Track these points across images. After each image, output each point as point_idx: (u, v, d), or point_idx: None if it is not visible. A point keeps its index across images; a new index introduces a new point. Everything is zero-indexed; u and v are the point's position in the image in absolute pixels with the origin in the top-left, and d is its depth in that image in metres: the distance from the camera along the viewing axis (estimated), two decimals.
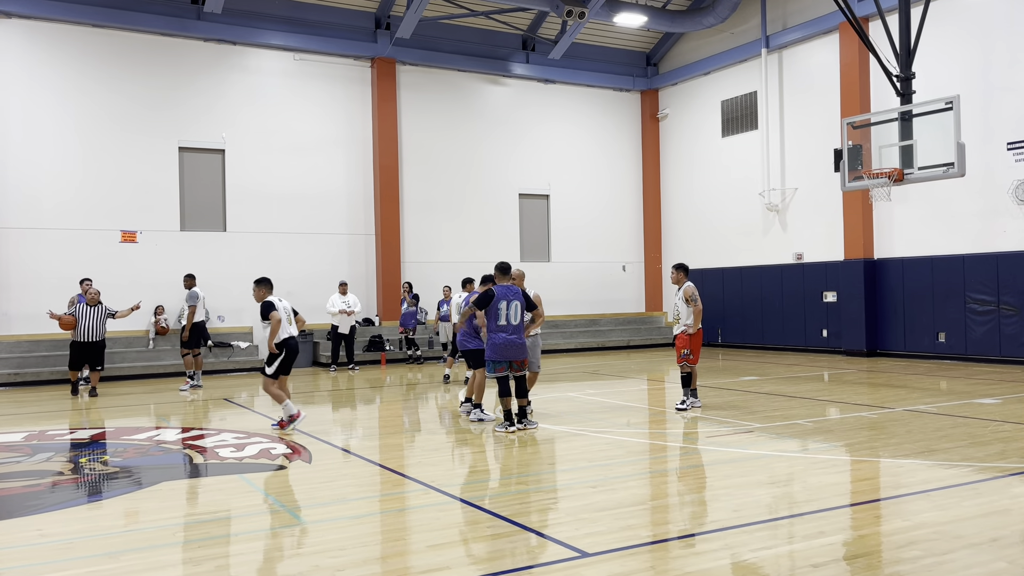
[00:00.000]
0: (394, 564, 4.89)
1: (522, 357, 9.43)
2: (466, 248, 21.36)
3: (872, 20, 17.36)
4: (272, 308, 9.62)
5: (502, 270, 9.71)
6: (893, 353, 17.83)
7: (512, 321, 9.34)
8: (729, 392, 12.49)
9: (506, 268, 9.74)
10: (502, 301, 9.35)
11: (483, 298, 9.44)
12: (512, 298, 9.40)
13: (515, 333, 9.35)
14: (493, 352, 9.34)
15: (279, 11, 19.20)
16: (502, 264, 9.80)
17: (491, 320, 9.36)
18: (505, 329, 9.33)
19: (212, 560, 5.02)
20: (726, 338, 21.83)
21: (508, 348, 9.31)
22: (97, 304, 13.75)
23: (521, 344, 9.39)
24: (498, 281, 9.62)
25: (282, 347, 9.68)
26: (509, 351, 9.32)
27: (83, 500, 6.80)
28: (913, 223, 17.42)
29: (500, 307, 9.33)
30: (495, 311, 9.34)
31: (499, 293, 9.40)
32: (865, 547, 5.01)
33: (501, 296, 9.38)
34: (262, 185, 19.10)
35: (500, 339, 9.31)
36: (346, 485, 7.16)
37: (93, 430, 10.29)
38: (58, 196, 17.15)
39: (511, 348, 9.32)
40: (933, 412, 10.11)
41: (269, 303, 9.68)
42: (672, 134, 23.81)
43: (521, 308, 9.43)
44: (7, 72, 16.83)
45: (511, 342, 9.32)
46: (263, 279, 10.05)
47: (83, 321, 13.54)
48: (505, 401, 9.36)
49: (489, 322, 9.39)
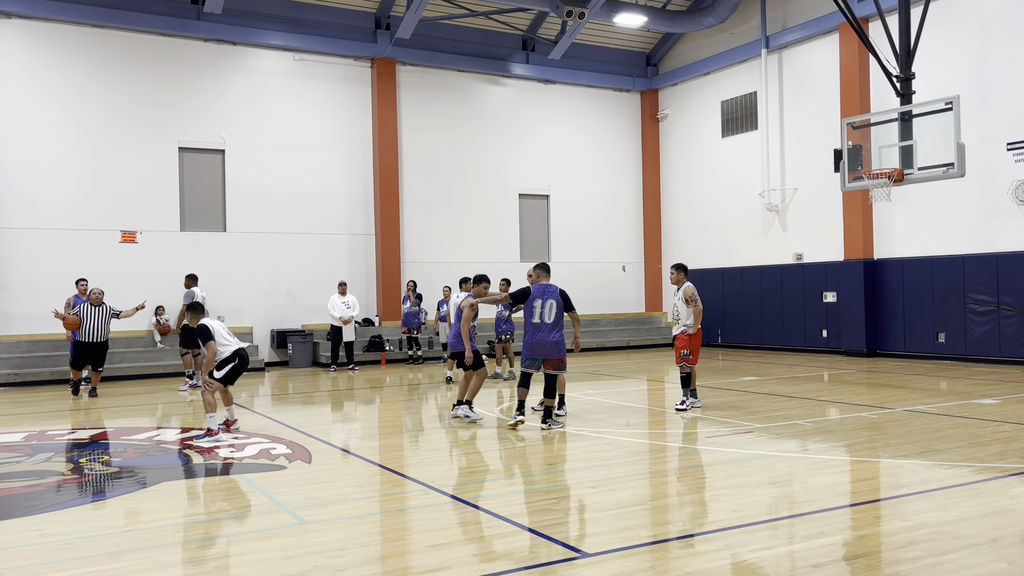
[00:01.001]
0: (394, 564, 4.89)
1: (555, 356, 9.52)
2: (466, 248, 21.37)
3: (872, 20, 17.36)
4: (210, 334, 9.30)
5: (543, 268, 9.89)
6: (893, 353, 17.83)
7: (546, 320, 9.46)
8: (729, 392, 12.49)
9: (547, 267, 9.94)
10: (537, 299, 9.50)
11: (520, 294, 9.63)
12: (548, 297, 9.52)
13: (549, 332, 9.46)
14: (528, 351, 9.54)
15: (279, 11, 19.20)
16: (543, 263, 9.99)
17: (526, 318, 9.55)
18: (539, 327, 9.47)
19: (212, 560, 5.02)
20: (726, 338, 21.83)
21: (540, 347, 9.47)
22: (101, 304, 13.74)
23: (554, 343, 9.49)
24: (538, 280, 9.78)
25: (234, 356, 9.50)
26: (543, 350, 9.48)
27: (83, 500, 6.80)
28: (913, 223, 17.42)
29: (535, 305, 9.48)
30: (530, 309, 9.50)
31: (535, 291, 9.57)
32: (865, 547, 5.01)
33: (537, 295, 9.53)
34: (262, 185, 19.10)
35: (531, 338, 9.51)
36: (346, 485, 7.16)
37: (93, 430, 10.29)
38: (58, 196, 17.15)
39: (545, 347, 9.47)
40: (933, 412, 10.11)
41: (205, 328, 9.38)
42: (672, 134, 23.81)
43: (557, 307, 9.53)
44: (7, 72, 16.83)
45: (545, 341, 9.46)
46: (195, 304, 9.97)
47: (88, 321, 13.53)
48: (521, 391, 9.55)
49: (524, 320, 9.58)
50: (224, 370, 9.43)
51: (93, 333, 13.59)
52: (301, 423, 10.21)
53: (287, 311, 19.30)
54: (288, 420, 10.48)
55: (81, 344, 13.66)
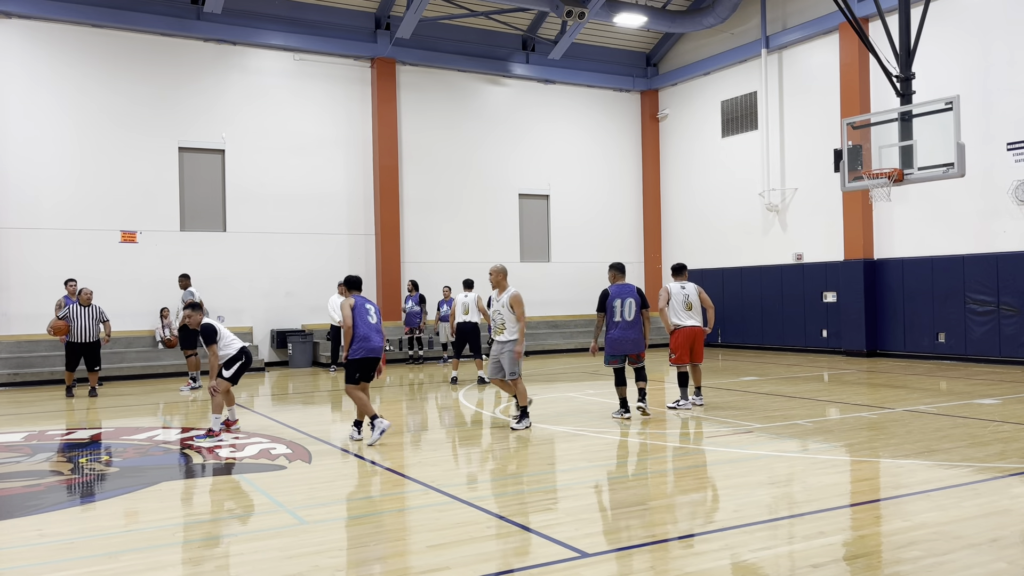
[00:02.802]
0: (394, 564, 4.89)
1: (637, 351, 9.96)
2: (466, 248, 21.37)
3: (872, 20, 17.36)
4: (214, 334, 9.31)
5: (619, 269, 10.19)
6: (893, 353, 17.83)
7: (627, 317, 9.88)
8: (729, 392, 12.50)
9: (622, 267, 10.25)
10: (616, 299, 9.91)
11: (600, 299, 9.98)
12: (626, 296, 9.94)
13: (629, 329, 9.88)
14: (610, 347, 9.90)
15: (279, 11, 19.20)
16: (618, 263, 10.30)
17: (608, 317, 9.89)
18: (620, 326, 9.87)
19: (212, 560, 5.02)
20: (726, 338, 21.83)
21: (623, 343, 9.88)
22: (90, 304, 13.72)
23: (635, 339, 9.91)
24: (615, 280, 10.08)
25: (241, 353, 9.52)
26: (624, 346, 9.89)
27: (83, 500, 6.80)
28: (913, 223, 17.42)
29: (615, 305, 9.89)
30: (611, 309, 9.90)
31: (614, 292, 9.97)
32: (865, 547, 5.01)
33: (616, 295, 9.93)
34: (262, 185, 19.11)
35: (615, 335, 9.88)
36: (346, 485, 7.16)
37: (93, 430, 10.29)
38: (58, 196, 17.15)
39: (626, 343, 9.89)
40: (933, 412, 10.11)
41: (211, 327, 9.41)
42: (672, 134, 23.81)
43: (636, 305, 9.95)
44: (7, 72, 16.83)
45: (626, 337, 9.88)
46: (196, 304, 10.06)
47: (77, 321, 13.51)
48: (620, 390, 10.05)
49: (607, 319, 9.86)
50: (232, 368, 9.44)
51: (83, 333, 13.56)
52: (301, 423, 10.21)
53: (287, 311, 19.30)
54: (288, 420, 10.48)
55: (72, 345, 13.62)
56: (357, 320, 8.74)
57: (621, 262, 10.63)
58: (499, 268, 9.94)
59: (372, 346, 8.77)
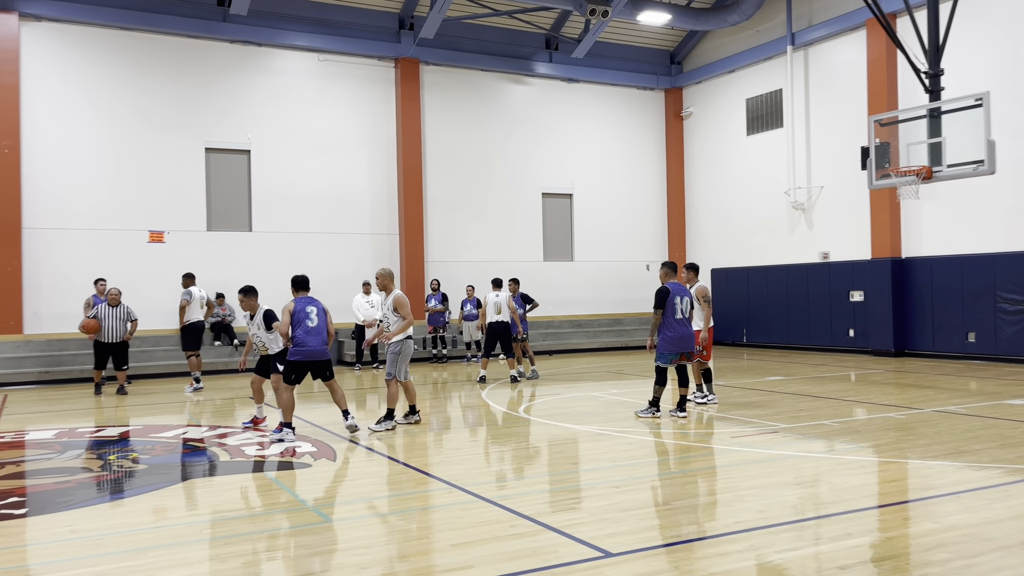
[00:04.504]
0: (418, 562, 4.90)
1: (692, 348, 10.10)
2: (489, 248, 21.39)
3: (900, 16, 17.14)
4: (275, 317, 9.49)
5: (672, 267, 10.27)
6: (921, 353, 17.60)
7: (686, 314, 10.03)
8: (754, 392, 12.40)
9: (675, 265, 10.33)
10: (676, 297, 9.97)
11: (659, 297, 9.94)
12: (684, 294, 10.09)
13: (687, 326, 10.05)
14: (669, 345, 9.95)
15: (303, 12, 19.33)
16: (670, 262, 10.39)
17: (668, 315, 9.94)
18: (681, 323, 9.97)
19: (238, 557, 5.06)
20: (751, 338, 21.67)
21: (683, 341, 9.97)
22: (118, 304, 13.91)
23: (691, 336, 10.09)
24: (669, 279, 10.14)
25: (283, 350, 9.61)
26: (684, 343, 9.98)
27: (112, 497, 6.89)
28: (942, 221, 17.19)
29: (675, 302, 9.95)
30: (672, 307, 9.93)
31: (674, 290, 10.02)
32: (893, 549, 4.95)
33: (676, 292, 9.99)
34: (287, 185, 19.25)
35: (677, 333, 9.93)
36: (370, 483, 7.20)
37: (122, 428, 10.42)
38: (88, 197, 17.39)
39: (686, 340, 10.00)
40: (963, 413, 9.97)
41: (271, 312, 9.64)
42: (696, 132, 23.67)
43: (691, 302, 10.19)
44: (38, 75, 17.09)
45: (686, 335, 10.01)
46: (250, 288, 10.07)
47: (105, 321, 13.72)
48: (659, 390, 10.13)
49: (667, 317, 9.90)
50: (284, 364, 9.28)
51: (111, 333, 13.81)
52: (326, 421, 10.27)
53: None
54: (313, 419, 10.55)
55: (100, 344, 13.85)
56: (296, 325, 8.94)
57: (674, 261, 10.63)
58: (385, 272, 9.97)
59: (309, 350, 8.95)
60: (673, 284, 10.05)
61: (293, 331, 8.93)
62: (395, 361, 9.66)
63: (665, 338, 9.92)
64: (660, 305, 9.90)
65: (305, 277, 9.36)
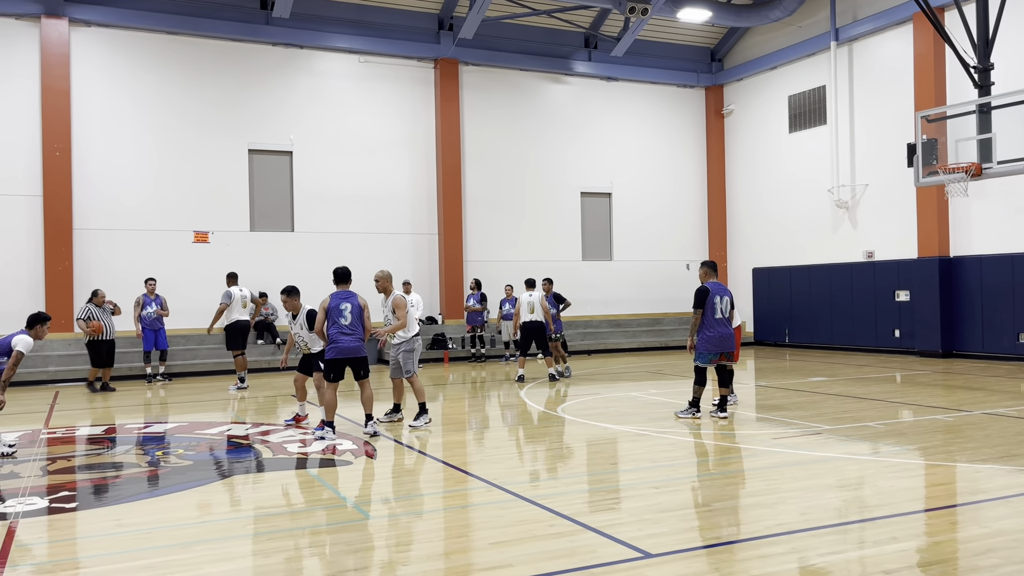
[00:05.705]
0: (457, 560, 4.93)
1: (732, 348, 9.92)
2: (528, 247, 21.40)
3: (948, 10, 16.76)
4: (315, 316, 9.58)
5: (711, 267, 10.17)
6: (970, 354, 17.20)
7: (726, 314, 9.90)
8: (797, 393, 12.24)
9: (715, 265, 10.26)
10: (716, 296, 9.84)
11: (698, 296, 9.80)
12: (724, 293, 9.95)
13: (727, 326, 9.89)
14: (709, 345, 9.80)
15: (344, 15, 19.54)
16: (710, 261, 10.33)
17: (708, 315, 9.81)
18: (721, 323, 9.83)
19: (280, 552, 5.14)
20: (794, 338, 21.37)
21: (724, 340, 9.83)
22: (102, 305, 14.71)
23: (731, 335, 9.90)
24: (708, 278, 10.04)
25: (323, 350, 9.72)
26: (724, 343, 9.83)
27: (159, 492, 7.03)
28: (992, 219, 16.78)
29: (715, 302, 9.82)
30: (711, 306, 9.81)
31: (714, 289, 9.90)
32: (940, 554, 4.85)
33: (716, 292, 9.87)
34: (328, 186, 19.47)
35: (717, 332, 9.80)
36: (410, 481, 7.25)
37: (169, 424, 10.63)
38: (135, 197, 17.79)
39: (726, 340, 9.84)
40: (1014, 416, 9.72)
41: (314, 311, 9.72)
42: (737, 130, 23.42)
43: (730, 302, 10.03)
44: (88, 78, 17.52)
45: (727, 334, 9.85)
46: (293, 288, 10.21)
47: (105, 322, 14.55)
48: (699, 390, 10.00)
49: (706, 317, 9.79)
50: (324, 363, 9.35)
51: (109, 332, 14.63)
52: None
53: None
54: (354, 416, 10.65)
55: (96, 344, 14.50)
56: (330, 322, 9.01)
57: (714, 260, 10.47)
58: (384, 274, 9.98)
59: (343, 347, 8.97)
60: (713, 283, 9.93)
61: (328, 329, 9.01)
62: (411, 358, 9.89)
63: (704, 338, 9.80)
64: (699, 304, 9.78)
65: (346, 269, 9.51)
